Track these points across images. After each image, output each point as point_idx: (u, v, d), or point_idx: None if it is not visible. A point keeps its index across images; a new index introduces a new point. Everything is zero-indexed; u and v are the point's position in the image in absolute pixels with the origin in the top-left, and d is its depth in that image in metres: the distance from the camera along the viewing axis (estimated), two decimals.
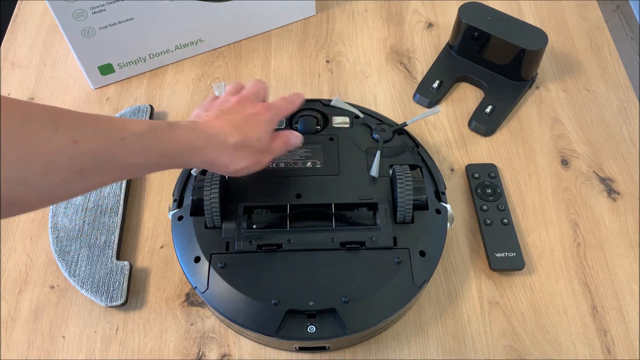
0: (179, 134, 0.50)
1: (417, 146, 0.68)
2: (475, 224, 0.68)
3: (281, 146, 0.59)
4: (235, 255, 0.58)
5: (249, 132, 0.54)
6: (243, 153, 0.54)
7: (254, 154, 0.55)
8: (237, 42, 0.86)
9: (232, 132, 0.53)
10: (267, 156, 0.58)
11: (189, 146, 0.50)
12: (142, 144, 0.47)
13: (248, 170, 0.56)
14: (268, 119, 0.57)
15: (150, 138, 0.47)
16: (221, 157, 0.53)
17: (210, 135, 0.52)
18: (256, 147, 0.55)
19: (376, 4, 0.90)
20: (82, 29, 0.73)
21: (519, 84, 0.78)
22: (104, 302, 0.61)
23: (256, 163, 0.56)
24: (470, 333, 0.62)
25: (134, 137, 0.46)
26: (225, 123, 0.54)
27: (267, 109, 0.58)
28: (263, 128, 0.56)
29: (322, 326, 0.55)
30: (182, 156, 0.50)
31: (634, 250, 0.67)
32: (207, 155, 0.52)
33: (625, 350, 0.60)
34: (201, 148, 0.51)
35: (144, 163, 0.48)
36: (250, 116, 0.56)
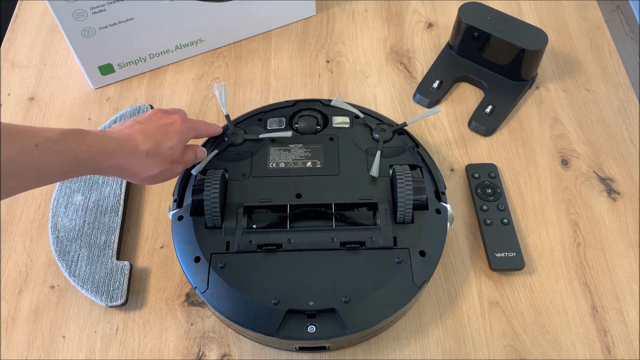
0: (89, 139, 0.51)
1: (417, 146, 0.68)
2: (475, 224, 0.68)
3: (192, 158, 0.62)
4: (235, 255, 0.58)
5: (161, 141, 0.56)
6: (154, 161, 0.56)
7: (165, 163, 0.57)
8: (237, 42, 0.86)
9: (143, 140, 0.55)
10: (179, 166, 0.59)
11: (100, 151, 0.51)
12: (55, 149, 0.48)
13: (159, 178, 0.58)
14: (183, 129, 0.59)
15: (62, 144, 0.49)
16: (132, 163, 0.54)
17: (121, 142, 0.53)
18: (168, 156, 0.57)
19: (376, 4, 0.90)
20: (82, 29, 0.73)
21: (519, 84, 0.78)
22: (104, 302, 0.61)
23: (168, 171, 0.58)
24: (470, 333, 0.62)
25: (47, 143, 0.48)
26: (136, 131, 0.55)
27: (184, 121, 0.60)
28: (176, 138, 0.58)
29: (322, 326, 0.55)
30: (94, 161, 0.51)
31: (634, 250, 0.67)
32: (119, 161, 0.53)
33: (625, 350, 0.60)
34: (112, 153, 0.52)
35: (58, 168, 0.49)
36: (164, 126, 0.57)
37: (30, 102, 0.80)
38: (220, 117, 0.78)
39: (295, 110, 0.70)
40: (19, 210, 0.70)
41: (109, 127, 0.73)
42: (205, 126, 0.65)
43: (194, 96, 0.80)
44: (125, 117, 0.74)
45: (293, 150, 0.66)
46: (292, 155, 0.66)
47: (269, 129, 0.68)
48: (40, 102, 0.80)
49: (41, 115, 0.78)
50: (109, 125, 0.74)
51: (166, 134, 0.57)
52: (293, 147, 0.66)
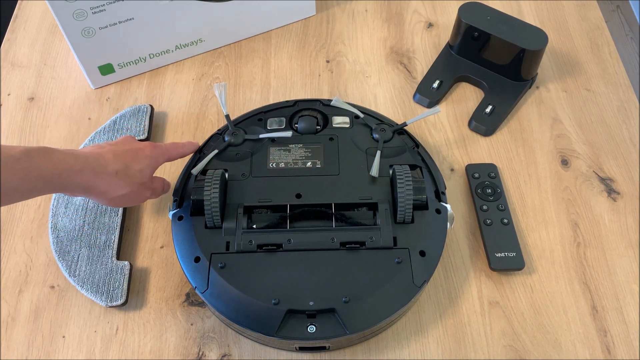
0: (56, 157, 0.51)
1: (417, 146, 0.68)
2: (475, 224, 0.68)
3: (160, 188, 0.63)
4: (235, 255, 0.58)
5: (130, 162, 0.57)
6: (122, 181, 0.56)
7: (134, 184, 0.57)
8: (237, 42, 0.86)
9: (112, 160, 0.55)
10: (147, 191, 0.60)
11: (66, 169, 0.51)
12: (18, 167, 0.48)
13: (127, 200, 0.58)
14: (153, 155, 0.59)
15: (26, 161, 0.48)
16: (100, 182, 0.54)
17: (89, 160, 0.53)
18: (137, 177, 0.57)
19: (376, 4, 0.90)
20: (82, 29, 0.73)
21: (519, 84, 0.78)
22: (104, 302, 0.61)
23: (135, 194, 0.58)
24: (470, 333, 0.62)
25: (9, 161, 0.47)
26: (106, 151, 0.56)
27: (153, 147, 0.60)
28: (146, 162, 0.58)
29: (322, 326, 0.55)
30: (60, 179, 0.51)
31: (634, 250, 0.67)
32: (86, 179, 0.53)
33: (625, 350, 0.60)
34: (79, 171, 0.52)
35: (22, 187, 0.48)
36: (134, 150, 0.58)
37: (30, 102, 0.80)
38: (220, 117, 0.78)
39: (295, 110, 0.70)
40: (19, 210, 0.70)
41: (108, 127, 0.74)
42: (177, 148, 0.64)
43: (194, 96, 0.80)
44: (126, 117, 0.74)
45: (293, 150, 0.66)
46: (292, 155, 0.66)
47: (269, 129, 0.68)
48: (40, 102, 0.80)
49: (41, 115, 0.78)
50: (109, 126, 0.74)
51: (136, 157, 0.58)
52: (293, 147, 0.66)
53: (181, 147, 0.65)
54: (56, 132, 0.77)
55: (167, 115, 0.78)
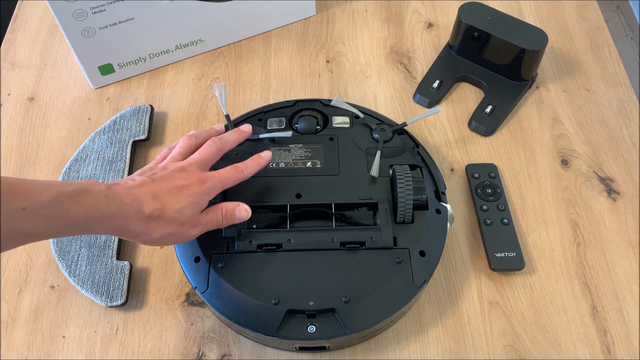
0: (87, 202, 0.47)
1: (417, 146, 0.68)
2: (475, 224, 0.68)
3: (217, 221, 0.57)
4: (235, 255, 0.58)
5: (168, 204, 0.52)
6: (157, 224, 0.52)
7: (170, 226, 0.52)
8: (237, 42, 0.86)
9: (148, 202, 0.51)
10: (193, 229, 0.55)
11: (97, 215, 0.48)
12: (45, 213, 0.45)
13: (165, 241, 0.54)
14: (199, 192, 0.54)
15: (55, 207, 0.45)
16: (131, 226, 0.50)
17: (123, 204, 0.50)
18: (175, 218, 0.52)
19: (376, 4, 0.90)
20: (82, 29, 0.73)
21: (519, 84, 0.78)
22: (104, 302, 0.61)
23: (175, 235, 0.53)
24: (470, 333, 0.62)
25: (37, 207, 0.44)
26: (145, 192, 0.52)
27: (202, 182, 0.55)
28: (188, 200, 0.53)
29: (322, 326, 0.55)
30: (89, 224, 0.48)
31: (634, 250, 0.67)
32: (116, 225, 0.50)
33: (625, 350, 0.60)
34: (110, 217, 0.49)
35: (49, 231, 0.46)
36: (178, 188, 0.53)
37: (30, 102, 0.80)
38: (220, 117, 0.78)
39: (295, 110, 0.70)
40: None
41: (108, 127, 0.74)
42: (230, 176, 0.58)
43: (194, 96, 0.80)
44: (126, 117, 0.74)
45: (293, 150, 0.66)
46: (292, 155, 0.66)
47: (269, 129, 0.68)
48: (40, 102, 0.80)
49: (41, 115, 0.78)
50: (109, 126, 0.74)
51: (177, 196, 0.53)
52: (293, 147, 0.66)
53: (241, 172, 0.59)
54: (56, 132, 0.77)
55: (167, 115, 0.78)
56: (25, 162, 0.74)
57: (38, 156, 0.74)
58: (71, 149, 0.75)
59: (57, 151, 0.75)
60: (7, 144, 0.76)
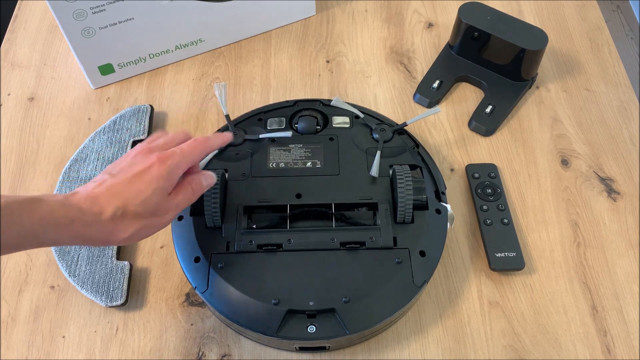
0: (41, 209, 0.44)
1: (417, 146, 0.68)
2: (475, 224, 0.68)
3: (188, 196, 0.53)
4: (235, 255, 0.58)
5: (130, 198, 0.48)
6: (123, 223, 0.48)
7: (139, 220, 0.49)
8: (237, 42, 0.86)
9: (108, 202, 0.47)
10: (165, 216, 0.51)
11: (52, 223, 0.45)
12: None
13: (138, 237, 0.50)
14: (162, 173, 0.50)
15: (5, 217, 0.43)
16: (95, 231, 0.47)
17: (80, 210, 0.46)
18: (141, 212, 0.49)
19: (376, 4, 0.90)
20: (82, 29, 0.73)
21: (519, 84, 0.78)
22: (104, 302, 0.61)
23: (147, 227, 0.50)
24: (470, 333, 0.62)
25: None
26: (104, 190, 0.48)
27: (163, 161, 0.50)
28: (151, 188, 0.49)
29: (322, 326, 0.55)
30: (46, 235, 0.45)
31: (634, 250, 0.67)
32: (77, 232, 0.46)
33: (625, 350, 0.60)
34: (69, 224, 0.45)
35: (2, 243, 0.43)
36: (138, 175, 0.49)
37: (30, 102, 0.80)
38: (220, 117, 0.78)
39: (295, 110, 0.70)
40: None
41: (108, 127, 0.74)
42: (199, 145, 0.53)
43: (194, 96, 0.80)
44: (126, 117, 0.74)
45: (293, 150, 0.66)
46: (292, 155, 0.66)
47: (269, 129, 0.68)
48: (40, 102, 0.80)
49: (41, 115, 0.78)
50: (109, 126, 0.74)
51: (138, 186, 0.49)
52: (293, 147, 0.66)
53: (203, 143, 0.54)
54: (56, 132, 0.77)
55: (167, 115, 0.78)
56: (25, 162, 0.74)
57: (38, 156, 0.74)
58: (71, 149, 0.75)
59: (57, 151, 0.75)
60: (7, 144, 0.76)
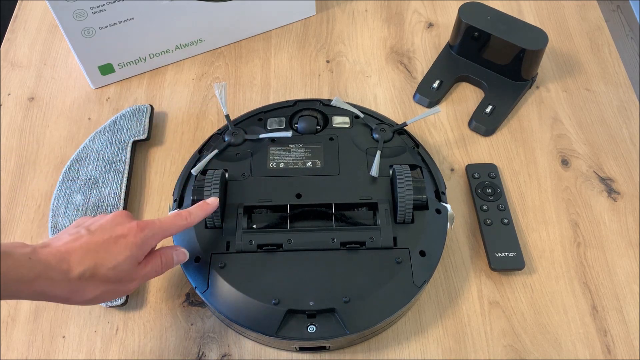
0: (6, 265, 0.43)
1: (417, 146, 0.68)
2: (475, 224, 0.68)
3: (156, 269, 0.53)
4: (235, 255, 0.58)
5: (101, 260, 0.48)
6: (89, 285, 0.48)
7: (105, 285, 0.49)
8: (237, 42, 0.86)
9: (78, 261, 0.47)
10: (130, 284, 0.51)
11: (16, 279, 0.44)
12: None
13: (100, 300, 0.50)
14: (138, 241, 0.50)
15: None
16: (58, 290, 0.46)
17: (47, 266, 0.45)
18: (110, 277, 0.49)
19: (376, 4, 0.90)
20: (82, 29, 0.73)
21: (519, 83, 0.78)
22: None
23: (111, 292, 0.50)
24: (470, 333, 0.62)
25: None
26: (77, 247, 0.48)
27: (141, 229, 0.51)
28: (124, 255, 0.49)
29: (322, 326, 0.55)
30: (8, 290, 0.44)
31: (634, 250, 0.67)
32: (40, 289, 0.45)
33: (625, 350, 0.60)
34: (31, 281, 0.44)
35: None
36: (114, 239, 0.49)
37: (30, 102, 0.80)
38: (220, 117, 0.78)
39: (295, 110, 0.70)
40: (19, 210, 0.70)
41: (108, 127, 0.73)
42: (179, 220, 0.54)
43: (194, 96, 0.80)
44: (126, 117, 0.74)
45: (293, 150, 0.66)
46: (292, 155, 0.66)
47: (269, 129, 0.68)
48: (40, 102, 0.80)
49: (41, 115, 0.78)
50: (109, 126, 0.74)
51: (112, 250, 0.49)
52: (293, 147, 0.66)
53: (184, 219, 0.55)
54: (56, 132, 0.77)
55: (167, 115, 0.78)
56: (25, 162, 0.74)
57: (38, 156, 0.74)
58: (71, 149, 0.75)
59: (57, 151, 0.75)
60: (7, 144, 0.76)
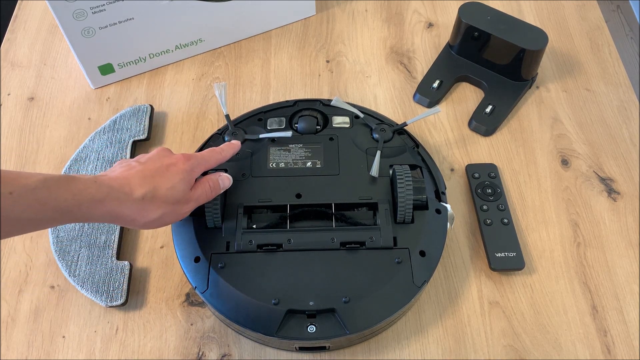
0: (76, 186, 0.47)
1: (417, 146, 0.68)
2: (475, 224, 0.68)
3: (206, 192, 0.57)
4: (235, 255, 0.58)
5: (159, 183, 0.53)
6: (152, 205, 0.52)
7: (166, 205, 0.53)
8: (237, 42, 0.86)
9: (139, 184, 0.51)
10: (186, 206, 0.55)
11: (87, 199, 0.48)
12: (33, 197, 0.45)
13: (162, 222, 0.54)
14: (187, 167, 0.55)
15: (42, 191, 0.45)
16: (125, 209, 0.50)
17: (112, 188, 0.50)
18: (169, 197, 0.53)
19: (376, 4, 0.90)
20: (82, 29, 0.73)
21: (519, 83, 0.78)
22: (104, 302, 0.61)
23: (171, 214, 0.54)
24: (470, 333, 0.62)
25: (24, 191, 0.44)
26: (134, 174, 0.52)
27: (187, 159, 0.56)
28: (179, 177, 0.54)
29: (322, 326, 0.55)
30: (80, 210, 0.48)
31: (634, 250, 0.67)
32: (109, 208, 0.49)
33: (625, 350, 0.60)
34: (101, 201, 0.49)
35: (38, 217, 0.46)
36: (165, 166, 0.54)
37: (30, 102, 0.80)
38: (220, 117, 0.78)
39: (295, 110, 0.70)
40: None
41: (108, 127, 0.74)
42: (215, 154, 0.60)
43: (194, 96, 0.80)
44: (126, 117, 0.74)
45: (293, 150, 0.66)
46: (292, 155, 0.66)
47: (269, 129, 0.68)
48: (40, 102, 0.80)
49: (41, 115, 0.78)
50: (109, 126, 0.74)
51: (166, 174, 0.54)
52: (293, 147, 0.66)
53: (219, 153, 0.61)
54: (56, 132, 0.77)
55: (167, 115, 0.78)
56: (25, 162, 0.74)
57: (38, 156, 0.74)
58: (71, 149, 0.75)
59: (57, 151, 0.75)
60: (7, 144, 0.76)
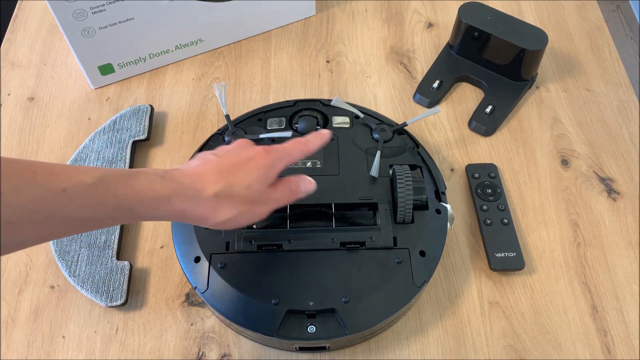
0: (139, 183, 0.44)
1: (417, 146, 0.68)
2: (475, 224, 0.68)
3: (286, 195, 0.52)
4: (235, 255, 0.58)
5: (235, 179, 0.48)
6: (226, 203, 0.47)
7: (241, 205, 0.48)
8: (237, 42, 0.86)
9: (213, 180, 0.47)
10: (263, 207, 0.51)
11: (150, 196, 0.44)
12: (90, 195, 0.41)
13: (235, 223, 0.49)
14: (267, 163, 0.50)
15: (100, 189, 0.41)
16: (195, 208, 0.46)
17: (181, 184, 0.46)
18: (245, 196, 0.48)
19: (376, 4, 0.90)
20: (82, 29, 0.73)
21: (519, 84, 0.78)
22: (104, 302, 0.61)
23: (246, 214, 0.49)
24: (470, 333, 0.62)
25: (80, 188, 0.40)
26: (209, 169, 0.48)
27: (267, 152, 0.51)
28: (257, 174, 0.49)
29: (322, 326, 0.55)
30: (144, 208, 0.44)
31: (634, 250, 0.67)
32: (176, 207, 0.45)
33: (625, 350, 0.60)
34: (167, 198, 0.45)
35: (96, 216, 0.42)
36: (244, 160, 0.49)
37: (30, 102, 0.80)
38: (220, 117, 0.78)
39: (295, 110, 0.70)
40: None
41: (108, 127, 0.74)
42: (300, 146, 0.53)
43: (194, 96, 0.80)
44: (126, 117, 0.74)
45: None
46: None
47: (269, 129, 0.68)
48: (40, 102, 0.80)
49: (41, 115, 0.78)
50: (109, 126, 0.74)
51: (243, 170, 0.49)
52: None
53: (305, 145, 0.54)
54: (56, 132, 0.77)
55: (167, 115, 0.78)
56: None
57: (38, 156, 0.74)
58: (71, 149, 0.75)
59: (57, 151, 0.75)
60: (7, 144, 0.76)
